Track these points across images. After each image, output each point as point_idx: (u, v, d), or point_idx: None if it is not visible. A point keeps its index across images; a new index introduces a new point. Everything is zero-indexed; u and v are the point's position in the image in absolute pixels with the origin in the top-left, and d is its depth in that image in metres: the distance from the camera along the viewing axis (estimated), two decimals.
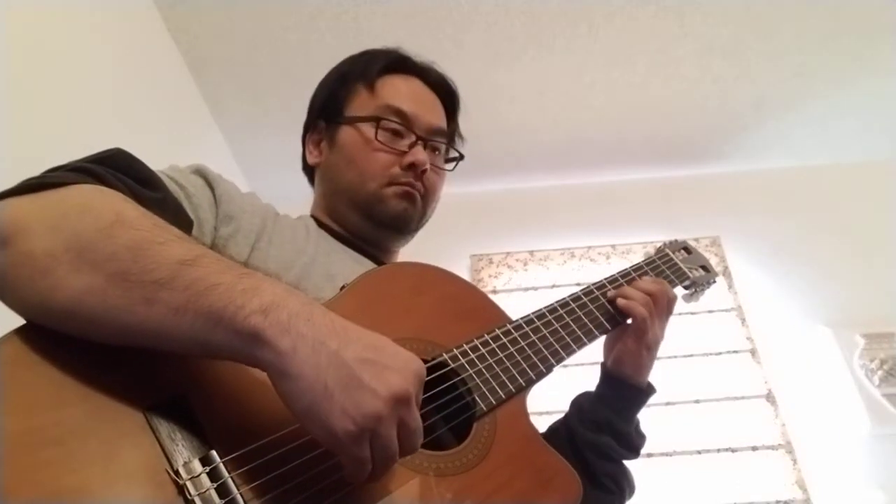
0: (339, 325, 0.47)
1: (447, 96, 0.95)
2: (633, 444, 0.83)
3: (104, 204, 0.49)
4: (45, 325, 0.46)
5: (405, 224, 0.86)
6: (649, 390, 0.86)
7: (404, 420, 0.46)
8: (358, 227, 0.87)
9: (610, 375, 0.86)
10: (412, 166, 0.83)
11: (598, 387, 0.87)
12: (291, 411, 0.44)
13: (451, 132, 0.96)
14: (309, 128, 0.94)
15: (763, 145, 2.86)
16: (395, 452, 0.46)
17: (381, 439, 0.45)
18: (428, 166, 0.84)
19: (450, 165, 0.95)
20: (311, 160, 0.93)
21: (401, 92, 0.88)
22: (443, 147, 0.92)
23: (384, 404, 0.44)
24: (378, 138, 0.83)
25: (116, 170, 0.56)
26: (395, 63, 0.91)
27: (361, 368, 0.45)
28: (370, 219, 0.85)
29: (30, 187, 0.50)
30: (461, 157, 0.97)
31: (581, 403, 0.86)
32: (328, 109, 0.91)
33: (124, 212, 0.49)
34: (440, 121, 0.91)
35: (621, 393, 0.84)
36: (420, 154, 0.84)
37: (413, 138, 0.85)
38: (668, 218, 2.81)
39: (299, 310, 0.46)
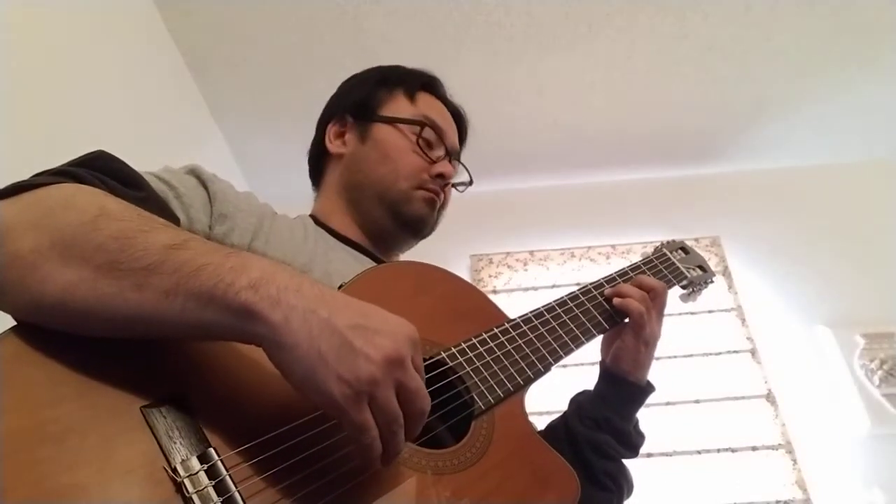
0: (329, 294, 0.48)
1: (462, 128, 1.01)
2: (632, 442, 0.83)
3: (87, 199, 0.49)
4: (39, 324, 0.46)
5: (423, 227, 0.90)
6: (648, 388, 0.86)
7: (402, 382, 0.46)
8: (376, 221, 0.89)
9: (609, 373, 0.86)
10: (441, 176, 0.89)
11: (597, 385, 0.87)
12: (289, 381, 0.45)
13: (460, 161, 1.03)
14: (331, 118, 0.96)
15: (763, 145, 2.86)
16: (398, 416, 0.46)
17: (380, 401, 0.45)
18: (452, 180, 0.91)
19: (461, 188, 1.00)
20: (333, 149, 0.94)
21: (436, 109, 0.94)
22: (457, 167, 0.98)
23: (377, 367, 0.45)
24: (419, 142, 0.88)
25: (99, 171, 0.57)
26: (431, 84, 0.97)
27: (353, 334, 0.45)
28: (394, 216, 0.87)
29: (8, 192, 0.50)
30: (471, 181, 1.02)
31: (580, 401, 0.86)
32: (361, 106, 0.93)
33: (107, 206, 0.49)
34: (457, 143, 0.98)
35: (620, 390, 0.85)
36: (448, 166, 0.90)
37: (443, 151, 0.91)
38: (668, 218, 2.81)
39: (288, 282, 0.46)
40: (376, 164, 0.88)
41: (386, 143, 0.88)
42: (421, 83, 0.95)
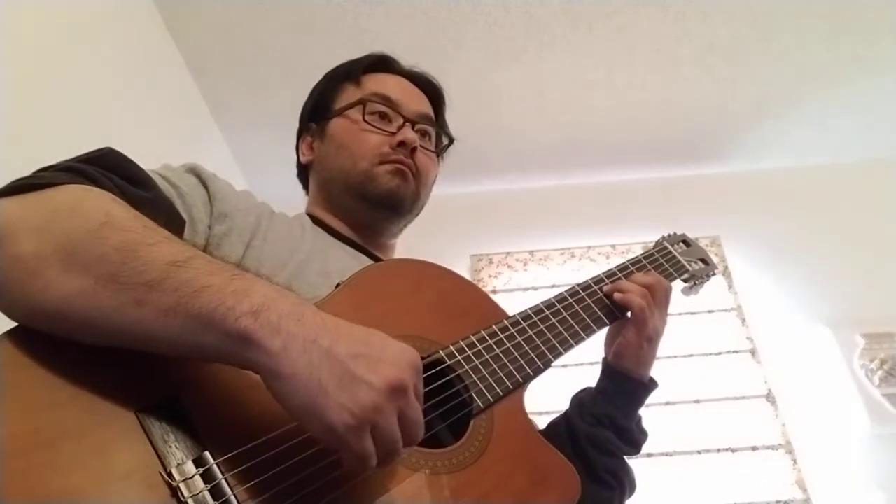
0: (331, 322, 0.47)
1: (432, 92, 0.98)
2: (634, 439, 0.83)
3: (93, 205, 0.49)
4: (35, 328, 0.45)
5: (399, 201, 0.87)
6: (651, 385, 0.86)
7: (403, 411, 0.46)
8: (353, 211, 0.88)
9: (611, 370, 0.86)
10: (402, 144, 0.86)
11: (599, 381, 0.87)
12: (288, 411, 0.44)
13: (441, 125, 0.99)
14: (301, 134, 0.98)
15: (763, 145, 2.86)
16: (399, 443, 0.46)
17: (383, 430, 0.45)
18: (417, 145, 0.87)
19: (429, 151, 0.95)
20: (304, 160, 0.96)
21: (386, 83, 0.92)
22: (432, 133, 0.95)
23: (380, 396, 0.44)
24: (366, 119, 0.87)
25: (107, 169, 0.56)
26: (379, 62, 0.96)
27: (355, 363, 0.45)
28: (364, 199, 0.86)
29: (18, 188, 0.50)
30: (451, 141, 0.99)
31: (582, 398, 0.86)
32: (317, 111, 0.95)
33: (113, 212, 0.48)
34: (426, 108, 0.95)
35: (622, 387, 0.84)
36: (409, 132, 0.87)
37: (401, 121, 0.89)
38: (668, 218, 2.80)
39: (290, 310, 0.46)
40: (335, 156, 0.89)
41: (338, 134, 0.89)
42: (364, 66, 0.94)
